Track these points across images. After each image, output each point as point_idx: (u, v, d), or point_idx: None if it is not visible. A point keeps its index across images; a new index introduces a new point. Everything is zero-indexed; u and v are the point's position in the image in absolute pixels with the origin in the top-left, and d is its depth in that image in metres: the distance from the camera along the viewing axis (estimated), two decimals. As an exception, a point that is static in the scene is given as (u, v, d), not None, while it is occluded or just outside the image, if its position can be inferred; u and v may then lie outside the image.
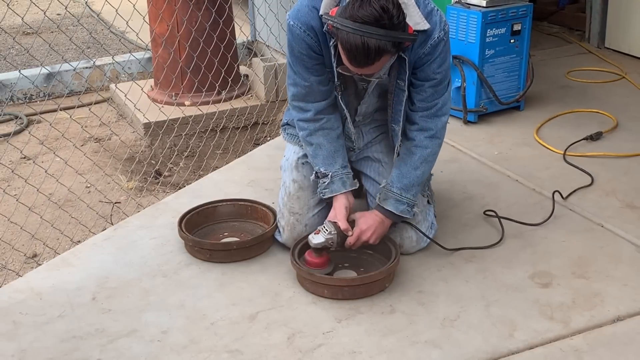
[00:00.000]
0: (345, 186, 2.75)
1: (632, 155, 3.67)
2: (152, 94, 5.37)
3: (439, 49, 2.56)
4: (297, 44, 2.62)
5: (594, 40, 5.45)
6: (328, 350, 2.37)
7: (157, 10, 5.03)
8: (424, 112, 2.68)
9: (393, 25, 2.32)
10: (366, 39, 2.29)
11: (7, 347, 2.42)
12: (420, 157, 2.71)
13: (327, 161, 2.76)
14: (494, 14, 3.94)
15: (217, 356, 2.36)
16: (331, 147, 2.77)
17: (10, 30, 7.21)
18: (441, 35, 2.55)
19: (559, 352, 2.34)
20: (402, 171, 2.72)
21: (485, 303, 2.58)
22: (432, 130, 2.70)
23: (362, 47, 2.31)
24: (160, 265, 2.87)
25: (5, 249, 3.69)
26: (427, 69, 2.60)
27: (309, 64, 2.65)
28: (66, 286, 2.75)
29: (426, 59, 2.57)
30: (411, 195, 2.71)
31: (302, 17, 2.58)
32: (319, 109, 2.74)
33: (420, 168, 2.71)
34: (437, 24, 2.55)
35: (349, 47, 2.34)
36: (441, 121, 2.71)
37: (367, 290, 2.63)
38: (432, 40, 2.54)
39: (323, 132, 2.76)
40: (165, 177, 4.52)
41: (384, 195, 2.73)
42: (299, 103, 2.76)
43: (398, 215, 2.71)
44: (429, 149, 2.72)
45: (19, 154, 4.46)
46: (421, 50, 2.55)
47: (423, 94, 2.65)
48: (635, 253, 2.87)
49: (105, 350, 2.40)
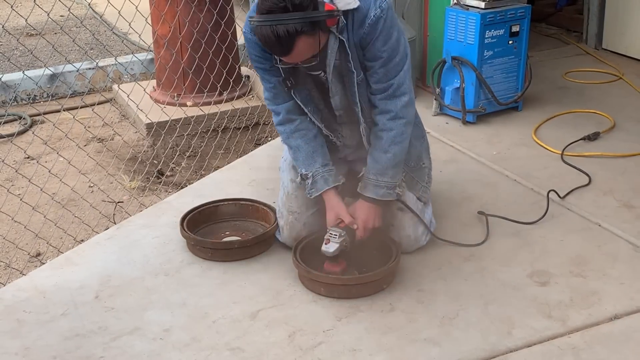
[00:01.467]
0: (328, 183, 2.75)
1: (629, 155, 3.67)
2: (154, 94, 5.37)
3: (379, 27, 2.53)
4: (252, 49, 2.66)
5: (591, 41, 5.45)
6: (328, 348, 2.37)
7: (160, 12, 5.03)
8: (381, 94, 2.66)
9: (296, 5, 2.33)
10: (275, 27, 2.32)
11: (11, 344, 2.43)
12: (387, 140, 2.69)
13: (307, 162, 2.77)
14: (493, 16, 3.94)
15: (218, 354, 2.36)
16: (309, 147, 2.77)
17: (14, 32, 7.22)
18: (377, 13, 2.52)
19: (556, 350, 2.34)
20: (374, 156, 2.72)
21: (483, 301, 2.59)
22: (392, 112, 2.67)
23: (273, 36, 2.33)
24: (163, 264, 2.87)
25: (9, 247, 3.69)
26: (372, 49, 2.58)
27: (266, 66, 2.68)
28: (69, 285, 2.75)
29: (369, 38, 2.55)
30: (388, 177, 2.70)
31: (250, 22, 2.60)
32: (288, 109, 2.76)
33: (390, 151, 2.69)
34: (371, 2, 2.52)
35: (264, 40, 2.38)
36: (400, 101, 2.66)
37: (363, 291, 2.62)
38: (369, 20, 2.52)
39: (299, 134, 2.77)
40: (167, 177, 4.52)
41: (363, 183, 2.74)
42: (271, 107, 2.79)
43: (379, 200, 2.71)
44: (394, 131, 2.68)
45: (23, 154, 4.46)
46: (361, 31, 2.54)
47: (376, 76, 2.63)
48: (632, 252, 2.87)
49: (108, 348, 2.40)
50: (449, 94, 4.12)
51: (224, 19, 4.97)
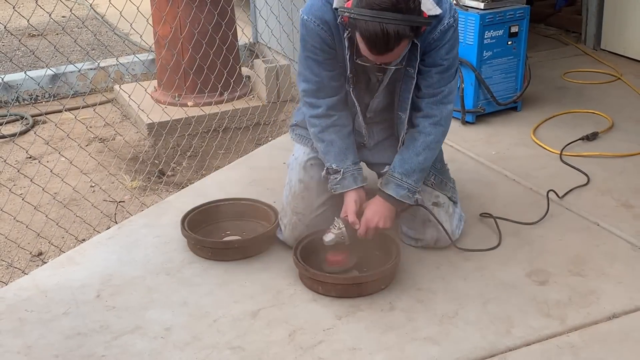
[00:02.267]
0: (357, 182, 2.74)
1: (627, 155, 3.67)
2: (155, 94, 5.37)
3: (448, 35, 2.56)
4: (310, 38, 2.61)
5: (590, 42, 5.45)
6: (328, 347, 2.37)
7: (161, 13, 5.03)
8: (430, 98, 2.67)
9: (409, 9, 2.32)
10: (385, 25, 2.29)
11: (13, 343, 2.43)
12: (422, 143, 2.69)
13: (339, 157, 2.74)
14: (492, 16, 3.94)
15: (219, 353, 2.36)
16: (343, 144, 2.75)
17: (16, 32, 7.21)
18: (451, 22, 2.55)
19: (555, 349, 2.34)
20: (404, 157, 2.70)
21: (482, 300, 2.59)
22: (436, 117, 2.68)
23: (382, 34, 2.30)
24: (164, 263, 2.87)
25: (11, 247, 3.69)
26: (435, 55, 2.59)
27: (321, 58, 2.64)
28: (71, 284, 2.75)
29: (435, 45, 2.57)
30: (412, 180, 2.69)
31: (316, 11, 2.58)
32: (330, 104, 2.72)
33: (422, 154, 2.69)
34: (447, 11, 2.55)
35: (368, 35, 2.33)
36: (447, 109, 2.70)
37: (361, 291, 2.62)
38: (442, 26, 2.54)
39: (335, 129, 2.75)
40: (168, 177, 4.52)
41: (385, 180, 2.72)
42: (310, 99, 2.74)
43: (399, 200, 2.69)
44: (432, 136, 2.69)
45: (25, 153, 4.46)
46: (431, 36, 2.55)
47: (430, 80, 2.64)
48: (630, 251, 2.87)
49: (110, 347, 2.40)
50: (449, 94, 4.12)
51: (225, 19, 4.97)
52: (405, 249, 2.86)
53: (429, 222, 2.82)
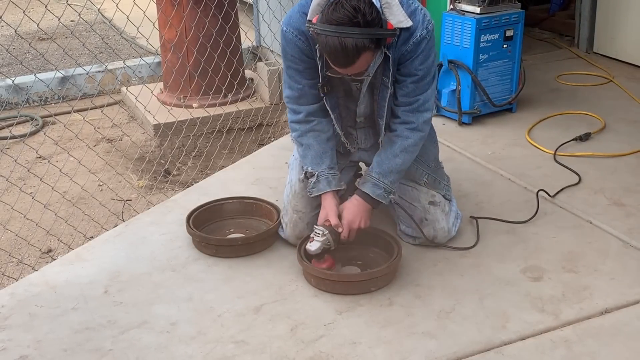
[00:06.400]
0: (330, 185, 2.74)
1: (619, 155, 3.67)
2: (161, 96, 5.37)
3: (422, 47, 2.55)
4: (289, 48, 2.63)
5: (582, 45, 5.45)
6: (329, 341, 2.37)
7: (166, 17, 5.03)
8: (406, 107, 2.67)
9: (367, 22, 2.32)
10: (343, 39, 2.30)
11: (23, 337, 2.43)
12: (400, 146, 2.69)
13: (315, 161, 2.75)
14: (488, 21, 3.93)
15: (223, 347, 2.36)
16: (320, 148, 2.76)
17: (26, 36, 7.21)
18: (424, 34, 2.53)
19: (549, 343, 2.34)
20: (382, 158, 2.71)
21: (479, 296, 2.58)
22: (413, 123, 2.68)
23: (341, 48, 2.32)
24: (170, 260, 2.87)
25: (22, 244, 3.69)
26: (409, 66, 2.59)
27: (300, 67, 2.66)
28: (80, 280, 2.75)
29: (409, 56, 2.56)
30: (389, 181, 2.69)
31: (294, 22, 2.59)
32: (310, 111, 2.74)
33: (399, 156, 2.69)
34: (419, 22, 2.53)
35: (328, 50, 2.36)
36: (423, 116, 2.68)
37: (347, 289, 2.61)
38: (415, 38, 2.53)
39: (313, 134, 2.76)
40: (174, 176, 4.52)
41: (363, 179, 2.73)
42: (292, 105, 2.76)
43: (374, 199, 2.69)
44: (410, 140, 2.69)
45: (35, 153, 4.46)
46: (404, 48, 2.55)
47: (405, 89, 2.64)
48: (622, 248, 2.87)
49: (117, 341, 2.40)
50: (446, 96, 4.12)
51: (229, 23, 4.97)
52: (404, 246, 2.85)
53: (426, 220, 2.82)
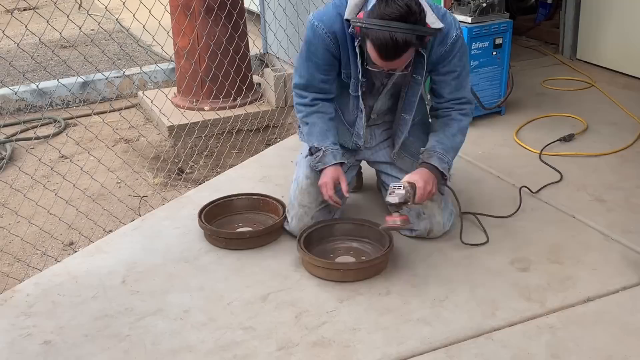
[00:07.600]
0: (336, 158, 2.74)
1: (601, 154, 3.66)
2: (175, 100, 5.36)
3: (458, 46, 2.61)
4: (316, 42, 2.61)
5: (566, 52, 5.43)
6: (331, 327, 2.37)
7: (180, 26, 5.02)
8: (454, 101, 2.72)
9: (416, 20, 2.34)
10: (394, 33, 2.31)
11: (47, 324, 2.43)
12: (456, 127, 2.74)
13: (320, 137, 2.75)
14: (478, 30, 3.93)
15: (232, 332, 2.36)
16: (325, 125, 2.76)
17: (50, 44, 7.21)
18: (458, 33, 2.60)
19: (535, 329, 2.34)
20: (441, 138, 2.72)
21: (470, 285, 2.58)
22: (464, 110, 2.76)
23: (391, 41, 2.32)
24: (183, 252, 2.87)
25: (45, 237, 3.69)
26: (449, 64, 2.64)
27: (321, 62, 2.65)
28: (99, 270, 2.75)
29: (447, 55, 2.61)
30: (450, 157, 2.71)
31: (327, 20, 2.58)
32: (317, 97, 2.76)
33: (457, 136, 2.74)
34: (452, 24, 2.58)
35: (379, 43, 2.34)
36: (469, 105, 2.77)
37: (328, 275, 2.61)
38: (451, 39, 2.58)
39: (318, 115, 2.77)
40: (187, 174, 4.51)
41: (427, 154, 2.69)
42: (299, 91, 2.78)
43: (441, 171, 2.66)
44: (463, 122, 2.76)
45: (58, 153, 4.46)
46: (442, 49, 2.59)
47: (449, 87, 2.70)
48: (603, 241, 2.86)
49: (134, 327, 2.40)
50: (439, 99, 4.10)
51: (238, 32, 4.97)
52: (400, 238, 2.85)
53: (423, 214, 2.82)
